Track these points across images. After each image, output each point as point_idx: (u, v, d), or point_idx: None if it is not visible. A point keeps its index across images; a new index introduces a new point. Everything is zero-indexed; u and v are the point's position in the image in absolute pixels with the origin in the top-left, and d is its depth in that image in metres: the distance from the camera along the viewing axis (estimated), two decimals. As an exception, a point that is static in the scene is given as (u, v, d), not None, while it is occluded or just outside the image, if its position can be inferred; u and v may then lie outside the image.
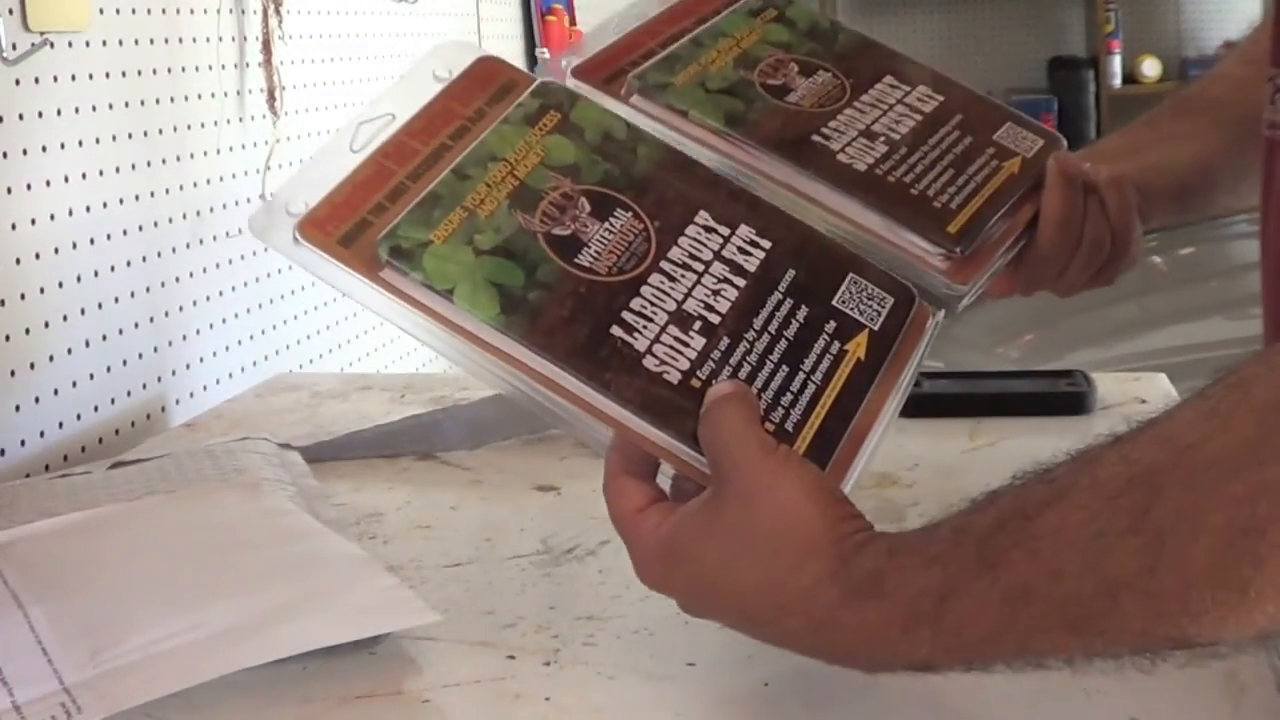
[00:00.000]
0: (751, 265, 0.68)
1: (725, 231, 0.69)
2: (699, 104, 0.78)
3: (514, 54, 2.34)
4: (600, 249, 0.66)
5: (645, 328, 0.64)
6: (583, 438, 0.64)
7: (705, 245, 0.68)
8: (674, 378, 0.62)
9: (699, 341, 0.64)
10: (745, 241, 0.69)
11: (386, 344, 1.76)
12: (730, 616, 0.61)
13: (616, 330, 0.63)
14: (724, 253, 0.68)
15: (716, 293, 0.66)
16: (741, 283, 0.67)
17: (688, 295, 0.66)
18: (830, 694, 0.65)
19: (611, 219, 0.67)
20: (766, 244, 0.69)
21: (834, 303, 0.69)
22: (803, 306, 0.68)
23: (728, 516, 0.59)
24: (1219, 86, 0.99)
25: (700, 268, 0.67)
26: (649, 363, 0.63)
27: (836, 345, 0.67)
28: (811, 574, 0.57)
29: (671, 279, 0.66)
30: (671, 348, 0.63)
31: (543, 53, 2.37)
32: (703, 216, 0.69)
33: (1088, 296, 0.94)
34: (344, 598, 0.73)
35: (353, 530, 0.89)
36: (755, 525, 0.58)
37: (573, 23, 2.50)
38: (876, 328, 0.69)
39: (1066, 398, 1.10)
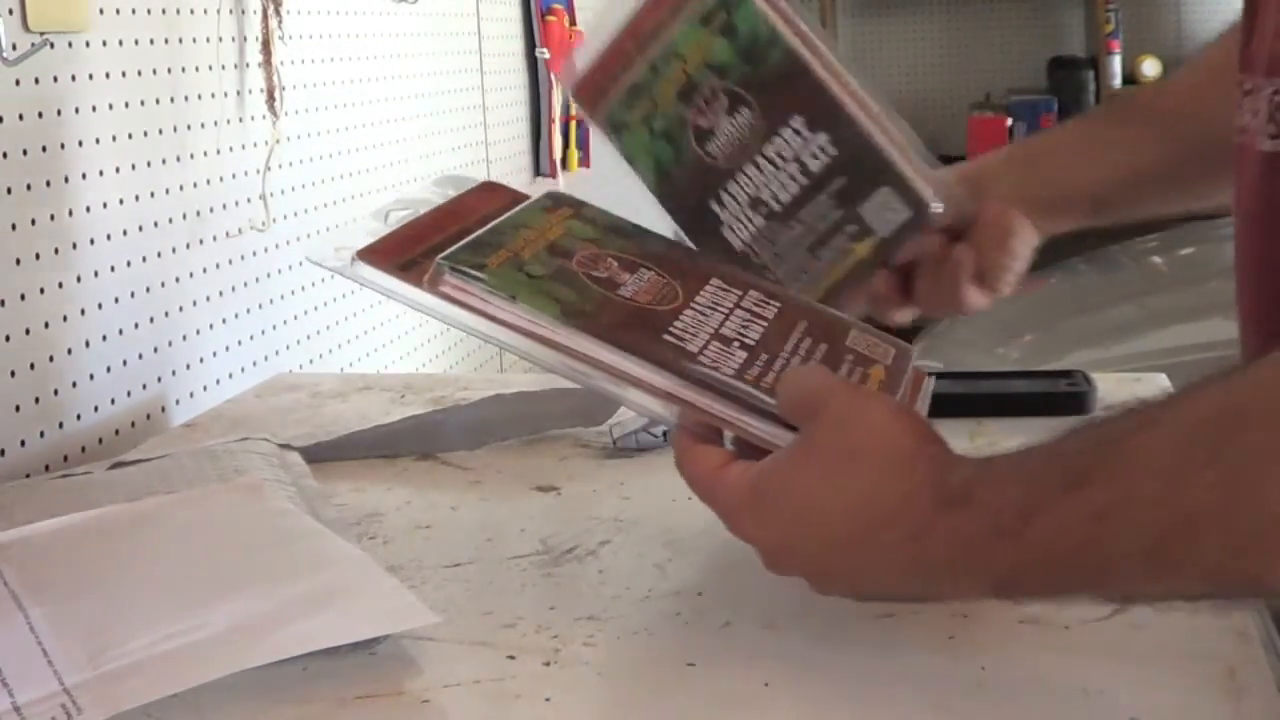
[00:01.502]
0: (769, 313, 0.77)
1: (739, 292, 0.78)
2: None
3: (514, 54, 2.34)
4: (635, 289, 0.75)
5: (692, 340, 0.72)
6: (645, 415, 0.73)
7: (724, 299, 0.77)
8: (728, 373, 0.70)
9: (741, 354, 0.72)
10: (757, 301, 0.78)
11: (386, 344, 1.76)
12: (821, 548, 0.63)
13: (668, 338, 0.71)
14: (742, 304, 0.77)
15: (746, 326, 0.75)
16: (763, 325, 0.76)
17: (721, 325, 0.74)
18: (830, 694, 0.65)
19: (639, 273, 0.76)
20: (777, 304, 0.79)
21: (848, 344, 0.78)
22: (822, 344, 0.76)
23: (821, 445, 0.63)
24: (1170, 98, 1.00)
25: (726, 310, 0.76)
26: (704, 359, 0.70)
27: (860, 370, 0.75)
28: (909, 484, 0.60)
29: (703, 315, 0.75)
30: (719, 354, 0.71)
31: (543, 53, 2.37)
32: (715, 282, 0.78)
33: (1088, 296, 0.96)
34: (345, 600, 0.73)
35: (353, 530, 0.89)
36: (851, 445, 0.62)
37: (573, 23, 2.50)
38: (889, 363, 0.77)
39: (1066, 398, 1.10)
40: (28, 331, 1.09)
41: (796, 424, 0.65)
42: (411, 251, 0.74)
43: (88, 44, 1.17)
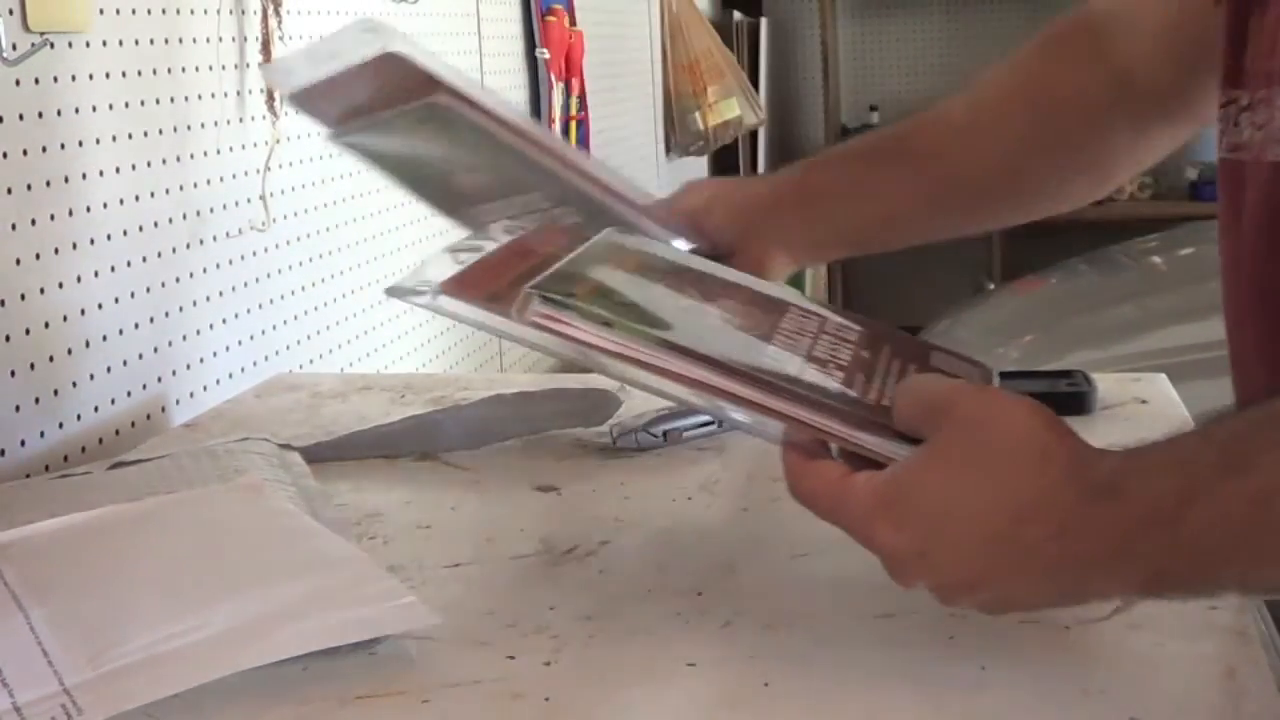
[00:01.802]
0: (852, 337, 0.75)
1: (819, 319, 0.77)
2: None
3: (514, 54, 2.34)
4: (724, 313, 0.75)
5: (791, 362, 0.70)
6: (753, 433, 0.71)
7: (806, 325, 0.76)
8: (834, 387, 0.69)
9: (839, 374, 0.70)
10: (837, 327, 0.77)
11: (386, 344, 1.76)
12: (959, 552, 0.60)
13: (767, 361, 0.70)
14: (825, 330, 0.76)
15: (835, 350, 0.73)
16: (851, 348, 0.74)
17: (812, 348, 0.72)
18: (830, 694, 0.65)
19: (720, 300, 0.77)
20: (856, 329, 0.77)
21: (933, 364, 0.77)
22: (910, 365, 0.74)
23: (955, 445, 0.61)
24: (930, 135, 1.00)
25: (811, 335, 0.74)
26: (807, 377, 0.69)
27: None
28: (1051, 476, 0.58)
29: (792, 339, 0.73)
30: (819, 375, 0.70)
31: (543, 53, 2.37)
32: (793, 310, 0.77)
33: (1088, 297, 0.96)
34: (345, 599, 0.73)
35: (353, 530, 0.89)
36: (988, 442, 0.60)
37: (573, 23, 2.50)
38: (975, 380, 0.78)
39: (1066, 398, 1.10)
40: (28, 331, 1.09)
41: (922, 432, 0.63)
42: (494, 284, 0.74)
43: (88, 44, 1.17)
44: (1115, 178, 1.00)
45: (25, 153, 1.09)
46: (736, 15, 4.08)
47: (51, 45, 1.11)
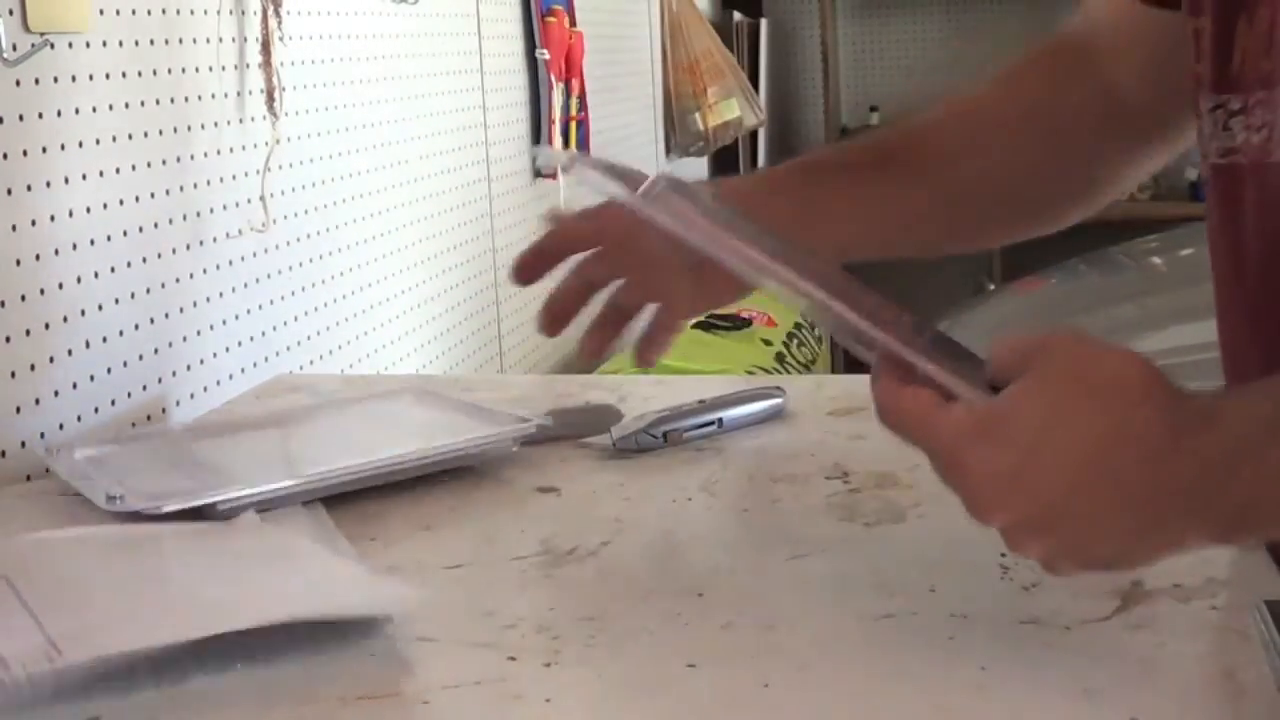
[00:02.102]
0: (926, 334, 0.72)
1: (898, 310, 0.73)
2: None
3: (514, 54, 2.34)
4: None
5: (886, 313, 0.69)
6: (844, 335, 0.70)
7: (891, 311, 0.72)
8: (928, 338, 0.68)
9: (929, 334, 0.69)
10: (914, 322, 0.72)
11: (387, 345, 1.76)
12: (1050, 478, 0.61)
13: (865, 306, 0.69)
14: (903, 318, 0.71)
15: (919, 330, 0.71)
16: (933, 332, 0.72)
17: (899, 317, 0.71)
18: (830, 695, 0.65)
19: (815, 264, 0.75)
20: (930, 330, 0.73)
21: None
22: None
23: (1055, 378, 0.62)
24: (933, 150, 0.96)
25: (895, 313, 0.71)
26: (903, 323, 0.69)
27: None
28: (1147, 408, 0.60)
29: (880, 310, 0.71)
30: (912, 325, 0.69)
31: (543, 53, 2.37)
32: (876, 295, 0.73)
33: (1088, 297, 0.95)
34: (330, 583, 0.73)
35: (353, 531, 0.89)
36: (1086, 376, 0.62)
37: (573, 24, 2.50)
38: None
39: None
40: (28, 332, 1.09)
41: (1019, 373, 0.63)
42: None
43: (88, 44, 1.17)
44: (1099, 201, 0.99)
45: (25, 153, 1.09)
46: (736, 15, 4.08)
47: (51, 45, 1.11)
